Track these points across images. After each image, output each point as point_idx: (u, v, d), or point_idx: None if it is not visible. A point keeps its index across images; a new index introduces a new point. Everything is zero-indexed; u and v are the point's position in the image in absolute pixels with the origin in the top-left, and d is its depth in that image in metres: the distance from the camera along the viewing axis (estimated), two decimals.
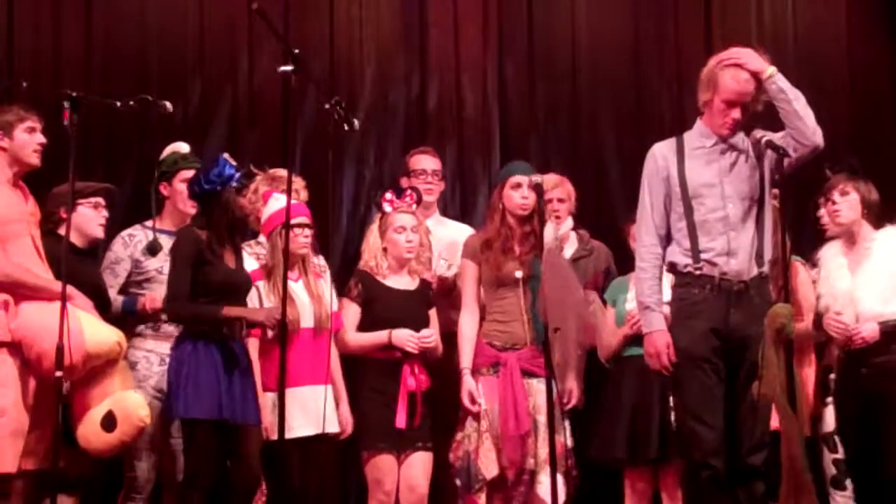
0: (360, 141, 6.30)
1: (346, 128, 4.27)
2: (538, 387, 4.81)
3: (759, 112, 4.38)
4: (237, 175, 4.54)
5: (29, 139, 4.28)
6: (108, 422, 4.15)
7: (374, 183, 6.44)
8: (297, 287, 4.73)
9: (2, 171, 4.25)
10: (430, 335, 4.84)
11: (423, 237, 5.03)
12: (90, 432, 4.17)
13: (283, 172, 4.78)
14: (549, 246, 4.72)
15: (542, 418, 4.78)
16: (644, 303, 4.34)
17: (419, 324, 4.90)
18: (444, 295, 5.15)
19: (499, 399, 4.82)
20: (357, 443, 4.88)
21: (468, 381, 4.85)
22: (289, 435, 4.41)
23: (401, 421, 4.73)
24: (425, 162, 5.51)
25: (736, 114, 4.29)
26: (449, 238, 5.34)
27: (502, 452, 4.77)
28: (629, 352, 5.05)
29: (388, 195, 5.01)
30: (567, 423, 4.87)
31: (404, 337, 4.80)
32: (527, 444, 4.77)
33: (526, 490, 4.80)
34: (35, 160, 4.31)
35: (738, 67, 4.27)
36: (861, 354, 4.80)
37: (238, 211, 4.57)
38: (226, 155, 4.63)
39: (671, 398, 4.92)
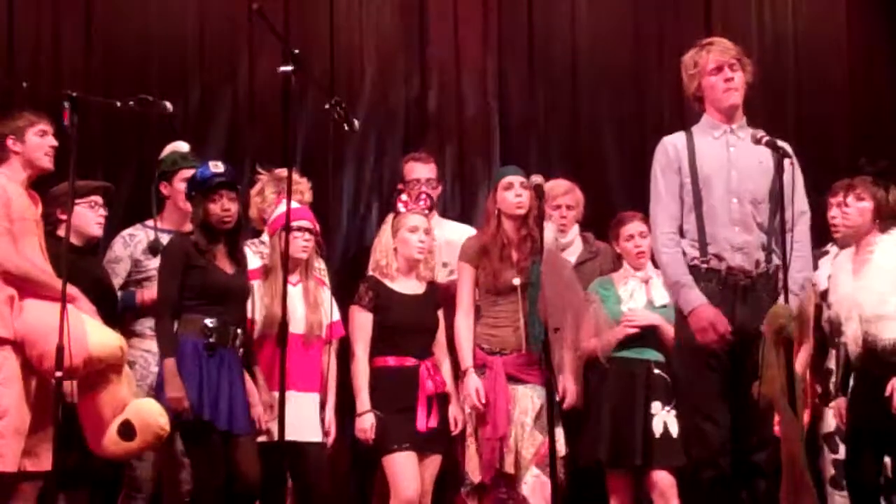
0: (360, 141, 6.29)
1: (346, 128, 4.27)
2: (524, 392, 4.80)
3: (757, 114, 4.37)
4: (209, 180, 4.53)
5: (41, 142, 4.32)
6: (126, 431, 4.16)
7: (374, 183, 6.45)
8: (293, 291, 4.71)
9: (15, 173, 4.28)
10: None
11: (432, 244, 5.01)
12: (109, 442, 4.19)
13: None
14: (549, 246, 4.71)
15: (528, 420, 4.77)
16: (680, 281, 4.22)
17: (429, 327, 4.89)
18: (450, 299, 5.10)
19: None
20: (373, 448, 4.81)
21: (473, 380, 4.84)
22: (269, 438, 4.49)
23: (421, 423, 4.72)
24: (419, 171, 5.47)
25: (727, 74, 4.26)
26: (448, 239, 5.33)
27: (478, 454, 4.77)
28: (615, 353, 5.03)
29: (404, 196, 5.01)
30: (560, 428, 4.80)
31: (365, 425, 4.72)
32: (503, 448, 4.75)
33: (512, 492, 4.78)
34: (48, 163, 4.35)
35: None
36: (869, 357, 4.80)
37: (202, 216, 4.54)
38: (212, 162, 4.62)
39: (653, 404, 4.92)
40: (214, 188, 4.53)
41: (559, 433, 4.71)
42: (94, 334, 4.11)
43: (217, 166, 4.57)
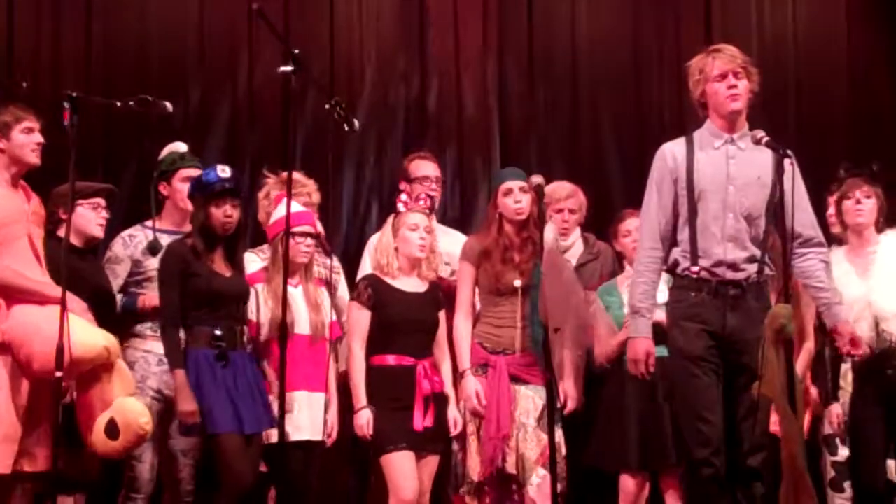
0: (360, 141, 6.30)
1: (346, 128, 4.26)
2: (525, 392, 4.79)
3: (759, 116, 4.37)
4: (214, 184, 4.52)
5: (26, 139, 4.25)
6: (111, 430, 4.14)
7: (374, 183, 6.45)
8: (295, 293, 4.72)
9: (1, 171, 4.24)
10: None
11: (434, 243, 5.01)
12: (97, 440, 4.18)
13: (296, 175, 4.78)
14: (550, 247, 4.71)
15: (531, 421, 4.77)
16: (634, 307, 4.31)
17: (430, 326, 4.87)
18: (450, 297, 5.10)
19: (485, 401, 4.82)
20: (370, 448, 4.79)
21: (471, 381, 4.84)
22: (277, 438, 4.44)
23: (418, 423, 4.71)
24: (427, 168, 5.42)
25: (731, 81, 4.25)
26: (448, 246, 5.31)
27: (481, 453, 4.76)
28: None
29: (404, 196, 5.00)
30: (559, 429, 4.80)
31: (362, 421, 4.67)
32: (506, 447, 4.74)
33: (515, 493, 4.78)
34: (34, 159, 4.28)
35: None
36: (884, 356, 4.79)
37: (205, 221, 4.54)
38: (220, 166, 4.62)
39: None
40: (220, 193, 4.54)
41: (559, 434, 4.71)
42: (77, 336, 4.03)
43: (224, 171, 4.57)
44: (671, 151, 4.34)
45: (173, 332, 4.47)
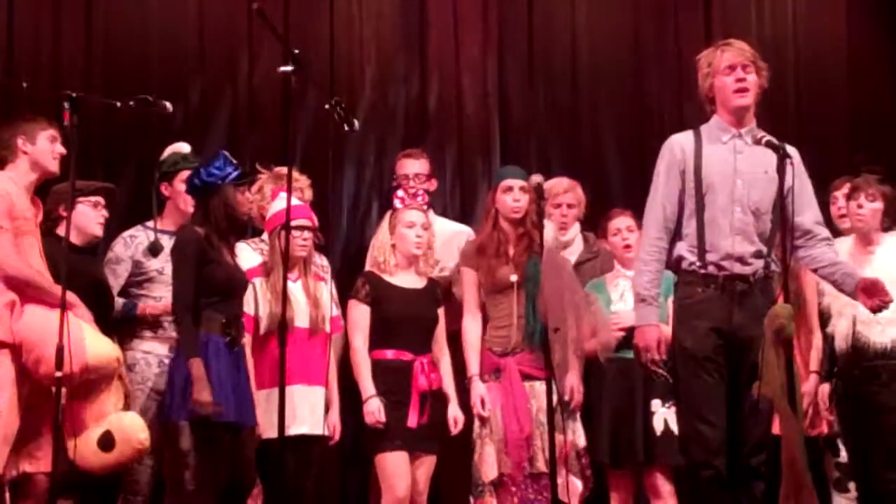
0: (360, 141, 6.30)
1: (346, 128, 4.26)
2: (540, 389, 4.80)
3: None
4: (236, 172, 4.54)
5: (50, 147, 4.33)
6: (106, 442, 4.15)
7: (374, 183, 6.45)
8: (294, 287, 4.74)
9: (21, 175, 4.28)
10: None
11: (432, 239, 5.02)
12: (88, 451, 4.17)
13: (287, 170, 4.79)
14: (549, 245, 4.72)
15: (545, 419, 4.78)
16: (640, 294, 4.25)
17: (428, 322, 4.89)
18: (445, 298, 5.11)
19: (501, 403, 4.82)
20: (365, 446, 4.82)
21: (478, 388, 4.85)
22: (275, 433, 4.44)
23: (413, 420, 4.72)
24: (409, 166, 5.46)
25: (739, 74, 4.24)
26: (442, 237, 5.32)
27: (507, 455, 4.77)
28: (613, 354, 5.02)
29: (401, 192, 5.02)
30: (579, 423, 4.89)
31: (372, 408, 4.71)
32: (532, 447, 4.78)
33: (544, 490, 4.79)
34: (54, 167, 4.35)
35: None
36: (857, 357, 4.80)
37: (237, 207, 4.54)
38: (224, 153, 4.62)
39: (652, 402, 4.93)
40: (243, 180, 4.58)
41: (578, 426, 4.83)
42: (92, 343, 4.09)
43: (231, 158, 4.59)
44: (679, 143, 4.33)
45: (189, 319, 4.38)
